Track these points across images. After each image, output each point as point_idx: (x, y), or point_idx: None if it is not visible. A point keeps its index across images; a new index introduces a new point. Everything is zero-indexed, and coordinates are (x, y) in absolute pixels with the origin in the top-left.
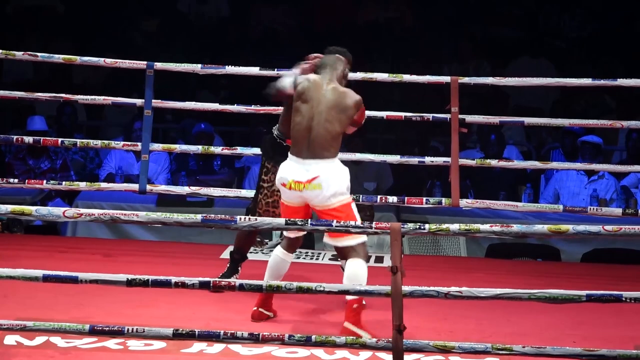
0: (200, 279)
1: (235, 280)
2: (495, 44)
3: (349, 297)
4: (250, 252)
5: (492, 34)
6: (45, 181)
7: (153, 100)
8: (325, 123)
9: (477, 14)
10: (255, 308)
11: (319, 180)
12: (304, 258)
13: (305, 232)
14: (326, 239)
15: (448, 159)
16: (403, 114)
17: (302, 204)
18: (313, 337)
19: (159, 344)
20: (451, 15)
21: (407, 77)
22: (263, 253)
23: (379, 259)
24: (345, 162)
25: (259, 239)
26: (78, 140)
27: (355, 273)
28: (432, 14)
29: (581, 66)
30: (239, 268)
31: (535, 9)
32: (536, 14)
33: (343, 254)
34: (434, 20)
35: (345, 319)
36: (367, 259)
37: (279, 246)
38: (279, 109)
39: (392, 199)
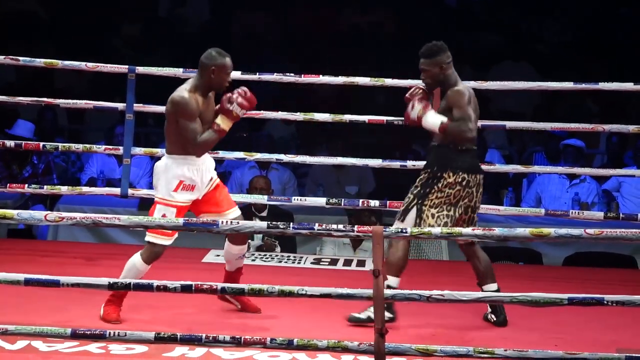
0: (182, 282)
1: (217, 284)
2: (477, 49)
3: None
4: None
5: (474, 39)
6: (27, 185)
7: (135, 105)
8: (165, 122)
9: (459, 19)
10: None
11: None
12: (286, 262)
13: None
14: None
15: None
16: (385, 118)
17: None
18: (295, 340)
19: (140, 348)
20: (433, 20)
21: (388, 81)
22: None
23: (361, 263)
24: (327, 166)
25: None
26: (60, 144)
27: (127, 266)
28: (414, 19)
29: (563, 71)
30: None
31: (517, 15)
32: (518, 20)
33: None
34: (416, 25)
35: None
36: (150, 260)
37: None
38: (260, 113)
39: (374, 202)
